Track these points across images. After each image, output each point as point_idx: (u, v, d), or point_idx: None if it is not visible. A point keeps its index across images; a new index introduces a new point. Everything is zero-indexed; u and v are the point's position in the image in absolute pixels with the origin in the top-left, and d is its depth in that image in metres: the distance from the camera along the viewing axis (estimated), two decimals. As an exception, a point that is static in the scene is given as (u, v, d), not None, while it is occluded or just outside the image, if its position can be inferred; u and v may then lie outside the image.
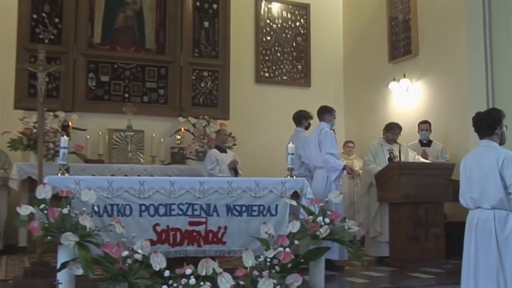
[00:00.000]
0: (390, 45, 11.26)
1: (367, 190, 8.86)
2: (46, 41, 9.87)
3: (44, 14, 10.05)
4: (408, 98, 10.72)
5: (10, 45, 9.87)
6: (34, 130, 9.11)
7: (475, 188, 5.14)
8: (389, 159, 8.56)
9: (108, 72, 10.51)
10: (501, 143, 5.25)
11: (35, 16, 9.99)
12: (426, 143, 9.50)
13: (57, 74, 9.72)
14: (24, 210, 5.55)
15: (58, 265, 5.29)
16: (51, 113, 9.46)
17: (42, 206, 5.39)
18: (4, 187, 9.47)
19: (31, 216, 5.56)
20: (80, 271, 5.13)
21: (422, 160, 8.96)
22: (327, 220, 6.16)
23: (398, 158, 8.46)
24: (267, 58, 12.51)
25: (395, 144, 8.83)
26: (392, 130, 8.96)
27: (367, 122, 11.71)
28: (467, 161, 5.33)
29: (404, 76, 10.72)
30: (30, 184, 8.88)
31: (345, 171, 8.10)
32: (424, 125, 9.56)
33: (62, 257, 5.34)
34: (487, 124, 5.25)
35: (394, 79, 10.90)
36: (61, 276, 5.19)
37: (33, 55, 8.75)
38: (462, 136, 8.82)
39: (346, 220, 6.49)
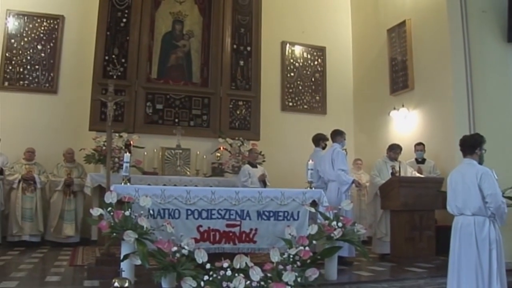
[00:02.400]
0: (391, 81, 11.18)
1: (373, 199, 8.78)
2: (115, 76, 9.96)
3: (113, 56, 10.18)
4: (406, 124, 10.61)
5: (87, 80, 10.02)
6: (104, 148, 9.23)
7: (459, 198, 5.16)
8: (392, 174, 8.46)
9: (162, 101, 10.55)
10: (480, 163, 5.27)
11: (107, 57, 10.12)
12: (421, 161, 9.40)
13: (122, 103, 9.79)
14: (96, 211, 5.64)
15: (122, 256, 5.36)
16: (117, 134, 9.57)
17: (109, 208, 5.46)
18: (81, 193, 9.57)
19: (100, 217, 5.62)
20: (138, 262, 5.19)
21: (418, 175, 8.86)
22: (340, 224, 6.15)
23: (399, 173, 8.38)
24: (291, 90, 12.48)
25: (396, 162, 8.74)
26: (394, 150, 8.87)
27: (373, 143, 11.60)
28: (452, 176, 5.35)
29: (403, 106, 10.63)
30: (100, 190, 8.98)
31: (353, 184, 8.03)
32: (419, 146, 9.47)
33: (124, 250, 5.40)
34: (470, 144, 5.32)
35: (394, 108, 10.81)
36: (124, 265, 5.23)
37: (104, 88, 8.84)
38: (450, 155, 8.67)
39: (356, 224, 6.46)
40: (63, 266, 6.99)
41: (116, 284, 4.33)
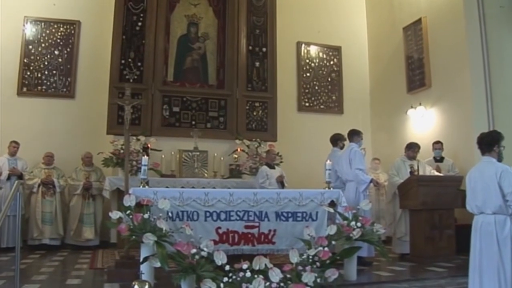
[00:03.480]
0: (408, 79, 11.10)
1: (392, 198, 8.72)
2: (131, 80, 10.01)
3: (130, 60, 10.24)
4: (423, 123, 10.54)
5: (104, 85, 10.09)
6: (122, 151, 9.27)
7: (478, 197, 5.05)
8: (411, 173, 8.39)
9: (178, 104, 10.58)
10: (499, 160, 5.17)
11: (123, 61, 10.19)
12: (439, 159, 9.31)
13: (139, 106, 9.83)
14: (114, 214, 5.67)
15: (141, 259, 5.38)
16: (134, 137, 9.61)
17: (128, 211, 5.48)
18: (99, 196, 9.65)
19: (119, 220, 5.64)
20: (158, 264, 5.19)
21: (436, 173, 8.78)
22: (359, 224, 6.12)
23: (417, 172, 8.31)
24: (307, 91, 12.46)
25: (415, 161, 8.68)
26: (412, 148, 8.80)
27: (390, 142, 11.52)
28: (471, 174, 5.24)
29: (420, 104, 10.56)
30: (119, 194, 9.00)
31: (372, 184, 7.98)
32: (437, 145, 9.39)
33: (144, 252, 5.42)
34: (487, 142, 5.21)
35: (411, 107, 10.74)
36: (144, 267, 5.25)
37: (121, 92, 8.97)
38: (469, 153, 8.60)
39: (375, 224, 6.43)
40: (83, 269, 7.05)
41: (136, 286, 4.36)
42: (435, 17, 10.35)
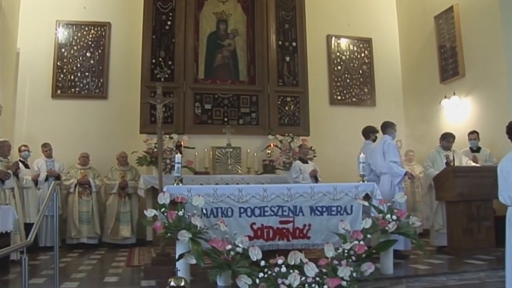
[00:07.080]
0: (441, 69, 10.92)
1: (428, 190, 8.59)
2: (162, 79, 10.13)
3: (160, 59, 10.35)
4: (458, 113, 10.35)
5: (136, 84, 10.25)
6: (155, 150, 9.36)
7: (511, 187, 4.80)
8: (446, 163, 8.25)
9: (210, 101, 10.64)
10: None
11: (154, 60, 10.30)
12: (475, 149, 9.13)
13: (171, 104, 9.93)
14: (150, 212, 5.74)
15: (177, 256, 5.43)
16: (167, 136, 9.70)
17: (162, 209, 5.54)
18: (135, 195, 9.77)
19: (155, 217, 5.70)
20: (193, 261, 5.25)
21: (473, 164, 8.60)
22: (394, 217, 6.06)
23: (453, 163, 8.17)
24: (338, 84, 12.37)
25: (450, 151, 8.53)
26: (447, 139, 8.65)
27: (424, 133, 11.35)
28: (503, 163, 4.95)
29: (454, 94, 10.37)
30: (153, 192, 9.12)
31: (406, 176, 7.88)
32: (473, 135, 9.21)
33: (179, 249, 5.47)
34: None
35: (445, 97, 10.57)
36: (179, 264, 5.29)
37: (153, 91, 9.04)
38: (506, 142, 8.34)
39: (410, 217, 6.35)
40: (120, 267, 7.16)
41: (172, 283, 4.38)
42: (468, 4, 10.14)
